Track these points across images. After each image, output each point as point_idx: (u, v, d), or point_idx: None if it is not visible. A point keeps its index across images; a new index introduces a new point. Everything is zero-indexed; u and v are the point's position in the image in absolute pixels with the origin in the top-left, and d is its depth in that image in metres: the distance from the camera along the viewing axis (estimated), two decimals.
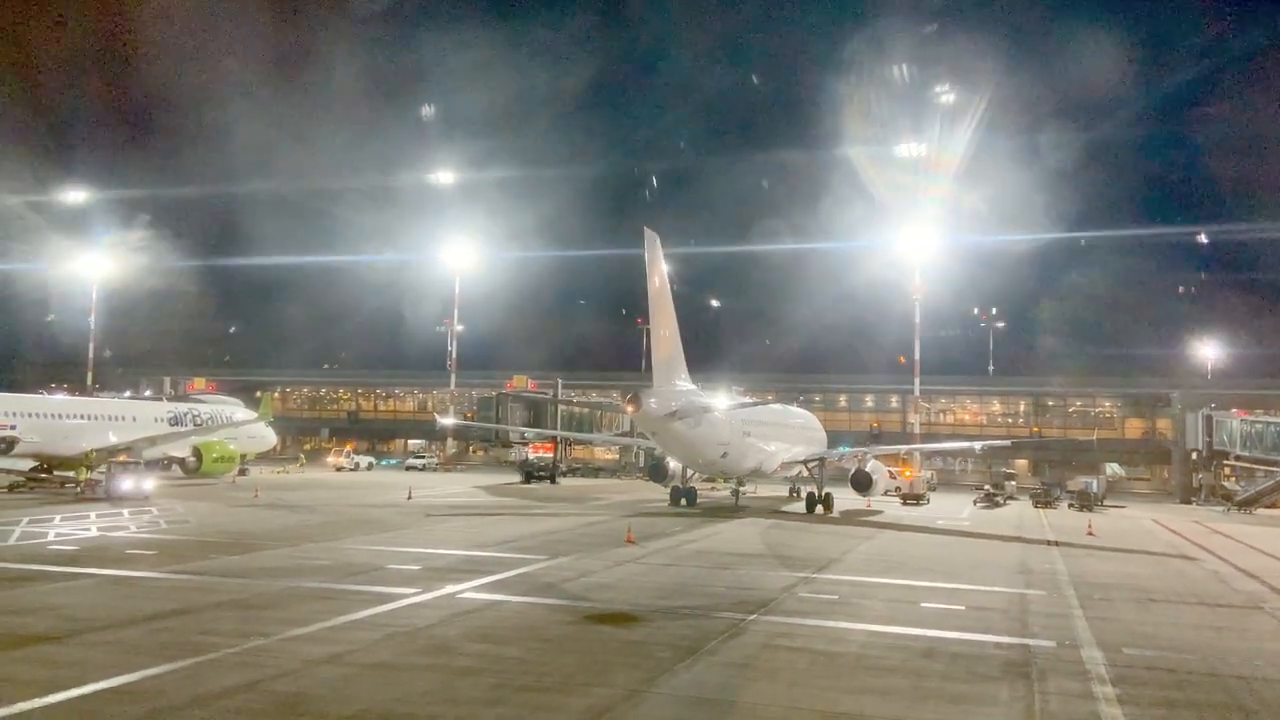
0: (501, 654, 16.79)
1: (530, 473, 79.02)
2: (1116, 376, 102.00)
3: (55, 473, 54.20)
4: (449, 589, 23.02)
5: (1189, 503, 74.14)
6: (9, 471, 53.17)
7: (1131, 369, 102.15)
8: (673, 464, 53.87)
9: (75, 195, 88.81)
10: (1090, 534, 43.27)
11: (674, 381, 47.88)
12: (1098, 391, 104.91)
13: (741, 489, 59.17)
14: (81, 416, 59.73)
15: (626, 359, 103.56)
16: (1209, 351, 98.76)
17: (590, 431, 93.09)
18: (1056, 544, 39.14)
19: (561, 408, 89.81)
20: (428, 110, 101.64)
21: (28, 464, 55.10)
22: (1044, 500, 65.46)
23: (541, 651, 17.12)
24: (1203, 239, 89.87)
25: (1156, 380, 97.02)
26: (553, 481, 77.29)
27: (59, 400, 68.15)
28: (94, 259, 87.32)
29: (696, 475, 55.07)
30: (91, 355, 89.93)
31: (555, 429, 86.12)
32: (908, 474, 65.37)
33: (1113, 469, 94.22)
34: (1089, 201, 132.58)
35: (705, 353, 73.56)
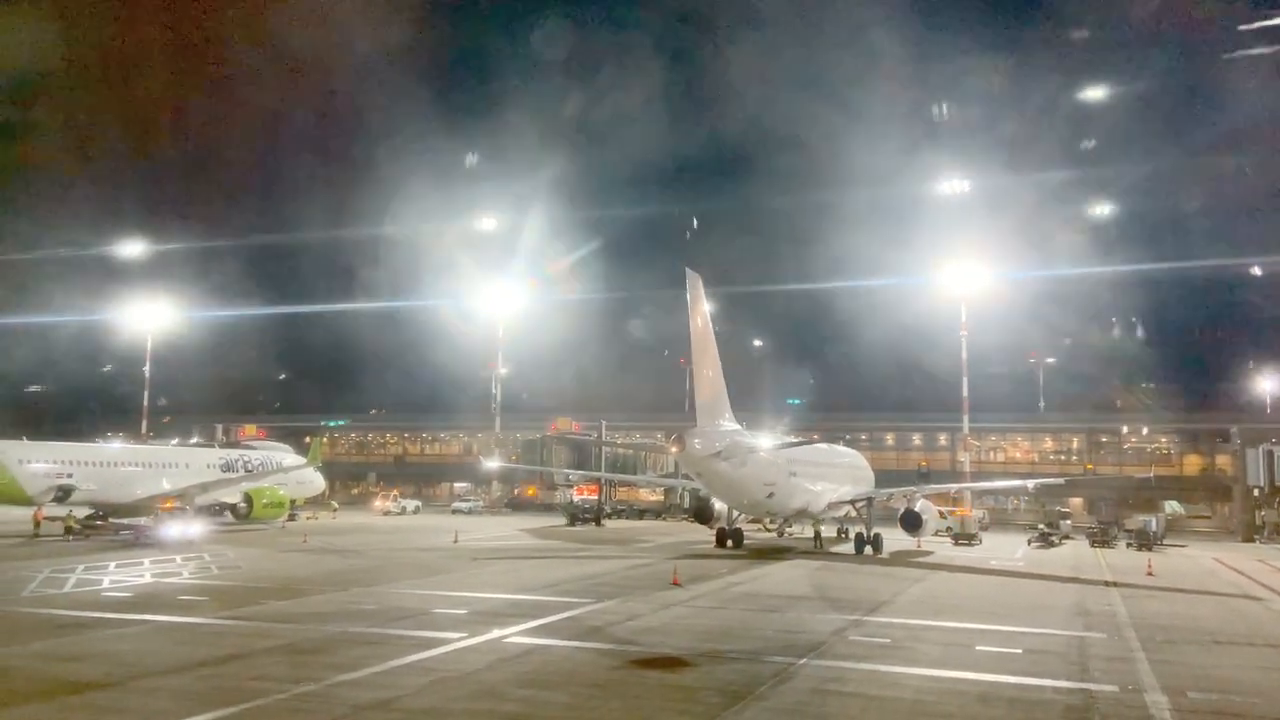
0: (549, 699, 16.67)
1: (575, 515, 78.86)
2: (1173, 411, 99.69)
3: (110, 520, 55.24)
4: (496, 633, 22.97)
5: (1251, 541, 71.81)
6: (65, 518, 54.25)
7: (1189, 404, 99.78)
8: (718, 505, 53.43)
9: (132, 247, 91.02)
10: (1150, 574, 42.05)
11: (718, 421, 47.63)
12: (1154, 427, 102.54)
13: (790, 529, 58.50)
14: (136, 464, 60.96)
15: (670, 399, 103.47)
16: (1269, 385, 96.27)
17: (634, 473, 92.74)
18: (1115, 585, 38.11)
19: (605, 449, 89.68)
20: (471, 158, 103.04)
21: (84, 511, 56.23)
22: (1101, 539, 63.78)
23: (588, 697, 16.97)
24: (1258, 271, 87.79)
25: (1215, 415, 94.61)
26: (598, 524, 77.02)
27: (114, 449, 69.65)
28: (150, 309, 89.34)
29: (742, 516, 54.57)
30: (146, 404, 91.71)
31: (599, 471, 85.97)
32: (959, 513, 64.18)
33: (1172, 506, 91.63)
34: (1143, 234, 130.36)
35: (749, 392, 73.24)
